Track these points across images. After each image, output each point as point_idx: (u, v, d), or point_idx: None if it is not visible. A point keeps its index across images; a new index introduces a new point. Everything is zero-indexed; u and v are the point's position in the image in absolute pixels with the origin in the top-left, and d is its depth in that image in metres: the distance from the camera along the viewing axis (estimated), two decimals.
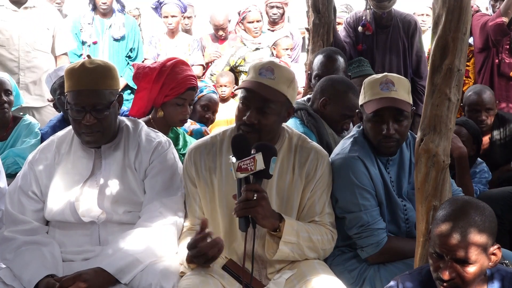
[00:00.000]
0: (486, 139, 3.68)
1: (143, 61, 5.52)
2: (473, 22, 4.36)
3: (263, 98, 2.23)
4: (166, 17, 5.45)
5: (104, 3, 5.27)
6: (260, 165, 2.03)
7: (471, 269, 1.80)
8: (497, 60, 4.38)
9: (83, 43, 5.34)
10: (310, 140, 2.46)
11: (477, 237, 1.79)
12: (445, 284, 1.82)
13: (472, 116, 3.65)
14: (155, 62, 3.10)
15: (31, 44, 4.34)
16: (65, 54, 4.64)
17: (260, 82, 2.25)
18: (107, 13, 5.36)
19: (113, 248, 2.26)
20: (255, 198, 2.07)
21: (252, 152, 2.06)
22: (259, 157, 2.03)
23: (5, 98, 3.38)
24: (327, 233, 2.34)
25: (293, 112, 2.39)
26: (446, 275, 1.80)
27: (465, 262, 1.79)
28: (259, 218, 2.10)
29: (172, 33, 5.55)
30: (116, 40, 5.36)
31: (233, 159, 2.06)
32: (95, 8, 5.37)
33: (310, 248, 2.28)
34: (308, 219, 2.35)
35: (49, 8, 4.63)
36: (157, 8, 5.58)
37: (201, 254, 2.15)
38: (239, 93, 2.32)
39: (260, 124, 2.24)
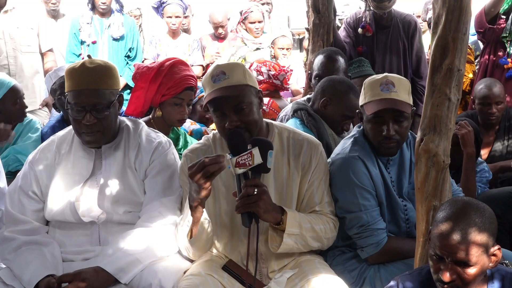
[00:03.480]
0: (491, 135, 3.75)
1: (143, 61, 5.52)
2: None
3: (231, 98, 2.23)
4: (170, 17, 5.46)
5: (104, 3, 5.27)
6: (257, 159, 2.04)
7: (472, 271, 1.79)
8: (492, 56, 4.39)
9: (82, 42, 5.34)
10: (301, 132, 2.46)
11: (478, 239, 1.79)
12: (445, 286, 1.82)
13: (482, 109, 3.72)
14: (154, 62, 3.10)
15: (18, 48, 4.34)
16: (51, 50, 4.63)
17: (218, 88, 2.24)
18: (105, 12, 5.36)
19: (113, 248, 2.26)
20: (255, 193, 2.07)
21: (248, 148, 2.06)
22: (256, 151, 2.04)
23: (24, 102, 3.38)
24: (329, 222, 2.35)
25: (262, 96, 2.38)
26: (447, 277, 1.80)
27: (466, 263, 1.79)
28: (261, 213, 2.10)
29: (173, 33, 5.55)
30: (115, 39, 5.36)
31: (230, 156, 2.06)
32: (93, 7, 5.37)
33: (313, 238, 2.29)
34: (308, 209, 2.35)
35: (29, 6, 4.61)
36: (159, 8, 5.58)
37: (202, 167, 2.05)
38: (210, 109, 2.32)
39: (244, 122, 2.24)
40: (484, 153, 3.75)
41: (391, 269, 2.37)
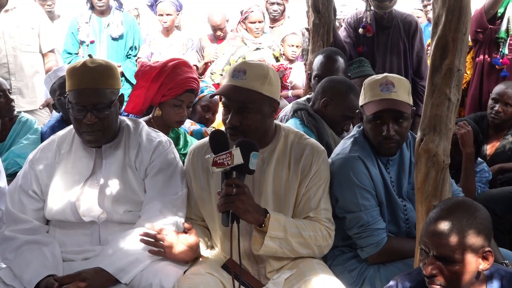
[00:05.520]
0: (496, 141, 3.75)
1: (136, 60, 5.52)
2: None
3: (237, 100, 2.24)
4: (161, 15, 5.46)
5: (100, 0, 5.24)
6: (237, 159, 2.03)
7: (454, 268, 1.80)
8: (487, 56, 4.40)
9: (82, 43, 5.31)
10: (307, 137, 2.45)
11: (460, 237, 1.80)
12: (428, 280, 1.84)
13: (491, 104, 3.73)
14: (157, 61, 3.10)
15: (18, 47, 4.32)
16: (52, 51, 4.62)
17: (232, 85, 2.26)
18: (104, 11, 5.33)
19: (113, 247, 2.26)
20: (234, 192, 2.07)
21: (232, 148, 2.06)
22: (236, 151, 2.03)
23: (10, 96, 3.40)
24: (322, 229, 2.32)
25: (278, 106, 2.39)
26: (427, 270, 1.82)
27: (448, 260, 1.80)
28: (241, 213, 2.09)
29: (167, 31, 5.55)
30: (114, 39, 5.33)
31: (211, 155, 2.06)
32: (92, 6, 5.34)
33: (300, 244, 2.27)
34: (303, 215, 2.34)
35: (30, 6, 4.59)
36: (153, 5, 5.58)
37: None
38: None
39: (243, 125, 2.24)
40: (490, 150, 3.74)
41: (391, 269, 2.37)
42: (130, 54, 5.46)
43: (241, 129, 2.24)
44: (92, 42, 5.30)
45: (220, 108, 4.00)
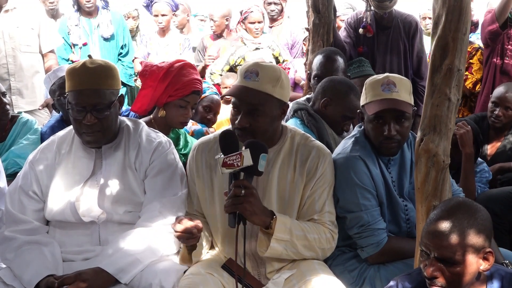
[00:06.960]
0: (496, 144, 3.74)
1: (133, 60, 5.52)
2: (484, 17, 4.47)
3: (248, 102, 2.23)
4: (157, 15, 5.46)
5: (88, 1, 5.23)
6: (247, 161, 2.02)
7: (455, 270, 1.80)
8: (499, 61, 4.40)
9: (74, 45, 5.30)
10: (313, 139, 2.45)
11: (463, 238, 1.79)
12: (429, 282, 1.84)
13: (491, 108, 3.71)
14: (163, 62, 3.11)
15: (17, 47, 4.31)
16: (52, 51, 4.62)
17: (244, 86, 2.24)
18: (92, 12, 5.31)
19: (113, 248, 2.26)
20: (243, 194, 2.07)
21: (241, 149, 2.06)
22: (246, 153, 2.02)
23: (5, 100, 3.39)
24: (326, 232, 2.32)
25: (287, 109, 2.39)
26: (428, 272, 1.82)
27: (449, 262, 1.80)
28: (248, 215, 2.09)
29: (163, 31, 5.55)
30: (106, 39, 5.32)
31: (220, 155, 2.06)
32: (79, 8, 5.32)
33: (305, 247, 2.27)
34: (307, 217, 2.34)
35: (30, 6, 4.59)
36: (148, 6, 5.59)
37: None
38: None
39: (252, 127, 2.24)
40: (491, 150, 3.74)
41: (391, 269, 2.37)
42: (121, 53, 5.45)
43: (249, 130, 2.24)
44: (84, 44, 5.29)
45: (222, 109, 4.04)
